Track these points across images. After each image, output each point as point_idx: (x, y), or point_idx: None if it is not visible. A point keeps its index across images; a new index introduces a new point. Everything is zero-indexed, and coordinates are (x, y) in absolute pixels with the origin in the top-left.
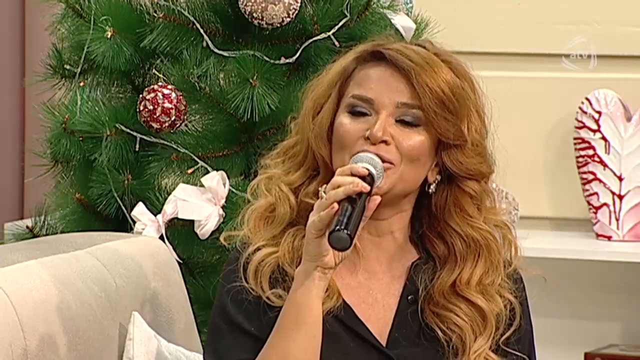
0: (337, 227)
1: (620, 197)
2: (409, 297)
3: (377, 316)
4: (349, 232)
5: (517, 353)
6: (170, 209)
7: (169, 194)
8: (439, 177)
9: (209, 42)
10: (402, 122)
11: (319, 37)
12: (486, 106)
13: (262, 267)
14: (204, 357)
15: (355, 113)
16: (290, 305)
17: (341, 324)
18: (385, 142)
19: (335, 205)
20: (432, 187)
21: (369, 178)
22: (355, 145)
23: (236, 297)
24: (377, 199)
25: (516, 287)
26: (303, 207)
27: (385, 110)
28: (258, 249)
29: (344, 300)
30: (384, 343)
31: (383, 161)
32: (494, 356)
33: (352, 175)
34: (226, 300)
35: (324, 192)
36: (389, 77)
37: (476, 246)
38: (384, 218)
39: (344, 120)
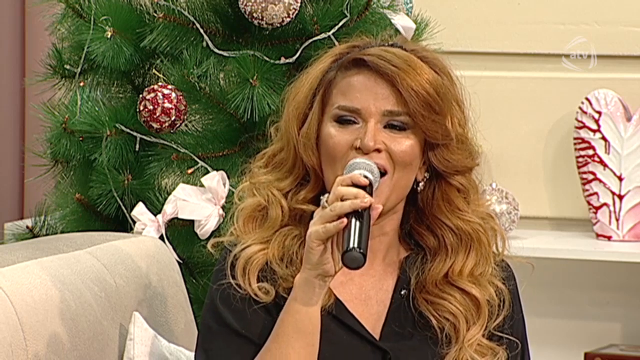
0: (351, 247)
1: (620, 197)
2: (402, 292)
3: (370, 312)
4: (362, 251)
5: (510, 337)
6: (170, 209)
7: (169, 194)
8: (427, 175)
9: (209, 42)
10: (390, 126)
11: (319, 37)
12: (465, 97)
13: (251, 263)
14: (195, 357)
15: (342, 122)
16: (290, 313)
17: (334, 319)
18: (377, 150)
19: (344, 220)
20: (421, 185)
21: (369, 187)
22: (347, 156)
23: (225, 296)
24: (379, 207)
25: (505, 275)
26: (294, 211)
27: (373, 119)
28: (248, 246)
29: (336, 297)
30: (377, 337)
31: (378, 168)
32: (486, 342)
33: (354, 184)
34: (216, 299)
35: (326, 201)
36: (373, 85)
37: (467, 239)
38: (376, 223)
39: (332, 131)
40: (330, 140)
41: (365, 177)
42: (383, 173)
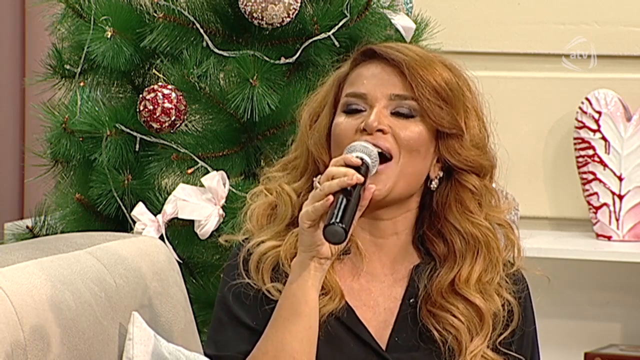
0: (332, 221)
1: (620, 197)
2: (410, 301)
3: (378, 319)
4: (343, 226)
5: (513, 354)
6: (170, 209)
7: (169, 194)
8: (441, 173)
9: (209, 42)
10: (397, 114)
11: (319, 37)
12: (485, 107)
13: (265, 260)
14: (204, 350)
15: (350, 112)
16: (286, 296)
17: (342, 325)
18: (382, 131)
19: (330, 198)
20: (434, 182)
21: (363, 168)
22: (351, 141)
23: (237, 293)
24: (372, 187)
25: (517, 287)
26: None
27: (379, 103)
28: (262, 242)
29: (347, 303)
30: (383, 346)
31: (382, 150)
32: (491, 354)
33: (346, 165)
34: (227, 294)
35: (319, 182)
36: (381, 72)
37: (475, 243)
38: (388, 218)
39: (340, 119)
40: (338, 127)
41: (361, 158)
42: (389, 158)
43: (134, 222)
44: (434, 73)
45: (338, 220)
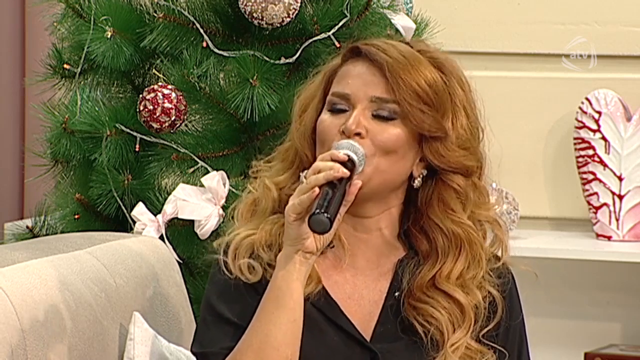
0: (317, 211)
1: (620, 197)
2: (395, 294)
3: (363, 312)
4: (328, 216)
5: (496, 346)
6: (170, 209)
7: (169, 194)
8: (424, 172)
9: (209, 42)
10: (378, 117)
11: (319, 37)
12: (478, 104)
13: (241, 247)
14: (191, 349)
15: (335, 110)
16: (272, 289)
17: (326, 318)
18: (359, 134)
19: (316, 190)
20: (417, 181)
21: (349, 164)
22: (334, 139)
23: (218, 289)
24: (358, 183)
25: (500, 281)
26: (285, 200)
27: (360, 105)
28: (238, 233)
29: (330, 296)
30: (368, 338)
31: None
32: (475, 345)
33: (333, 160)
34: (210, 293)
35: (305, 177)
36: (366, 72)
37: (457, 240)
38: (371, 215)
39: (324, 117)
40: (321, 125)
41: (347, 155)
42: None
43: (134, 222)
44: (418, 75)
45: (323, 210)
